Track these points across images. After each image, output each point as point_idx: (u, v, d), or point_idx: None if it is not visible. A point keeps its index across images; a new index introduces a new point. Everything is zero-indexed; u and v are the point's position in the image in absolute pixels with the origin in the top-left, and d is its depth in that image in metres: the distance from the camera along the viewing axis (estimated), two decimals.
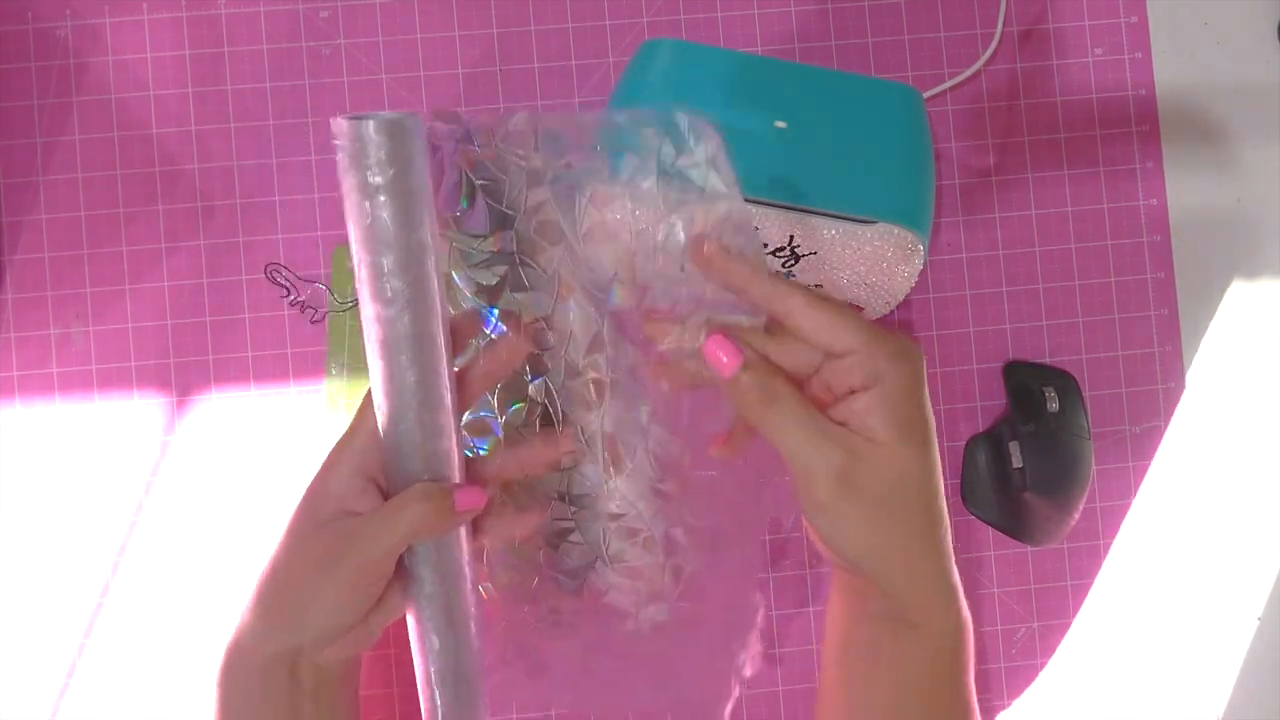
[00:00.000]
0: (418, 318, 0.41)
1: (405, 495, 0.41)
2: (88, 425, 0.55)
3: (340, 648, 0.43)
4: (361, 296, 0.41)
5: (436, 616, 0.43)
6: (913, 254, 0.51)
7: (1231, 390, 0.59)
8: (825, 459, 0.40)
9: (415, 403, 0.41)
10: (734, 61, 0.51)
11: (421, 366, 0.41)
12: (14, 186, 0.56)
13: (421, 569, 0.43)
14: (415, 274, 0.40)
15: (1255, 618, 0.58)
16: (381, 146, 0.39)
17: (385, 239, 0.40)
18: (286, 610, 0.42)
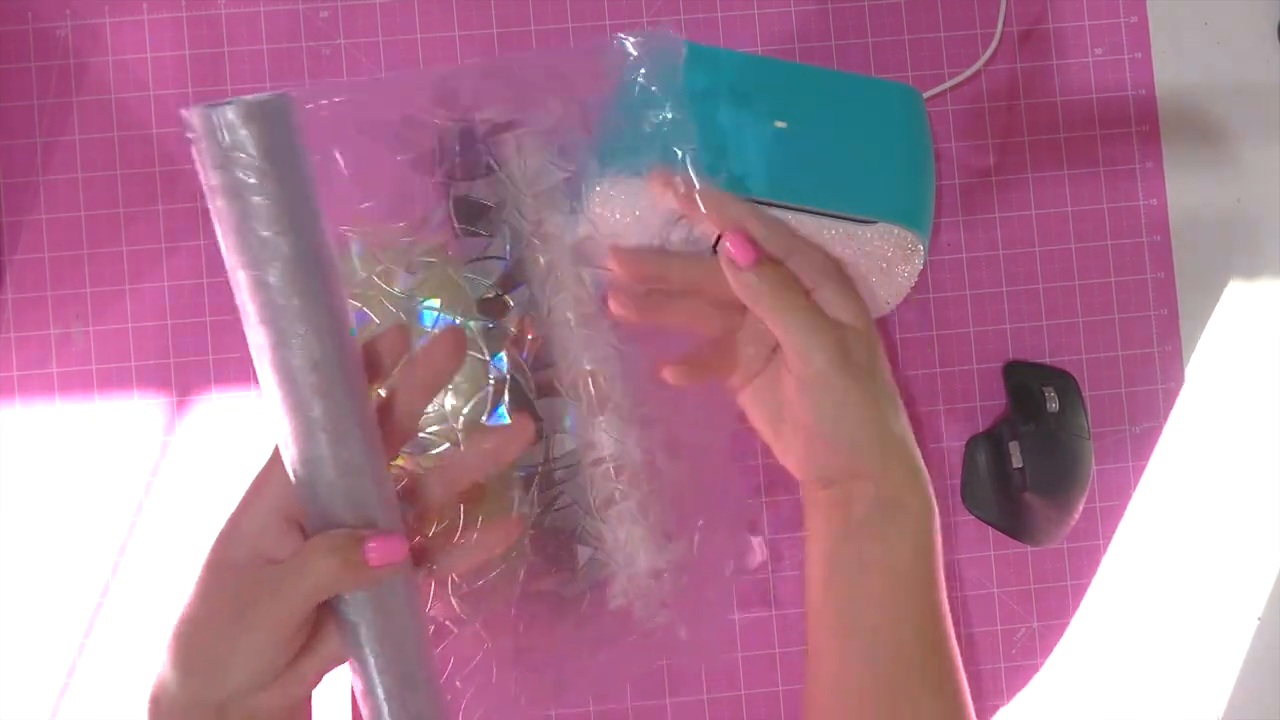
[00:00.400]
0: (315, 339, 0.34)
1: (310, 547, 0.36)
2: (88, 425, 0.55)
3: (271, 697, 0.38)
4: (246, 321, 0.35)
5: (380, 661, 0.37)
6: (913, 254, 0.51)
7: (1231, 390, 0.59)
8: (824, 334, 0.45)
9: (325, 437, 0.35)
10: (734, 61, 0.51)
11: (327, 396, 0.35)
12: (14, 186, 0.56)
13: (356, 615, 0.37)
14: (308, 287, 0.34)
15: (1255, 618, 0.58)
16: (248, 137, 0.32)
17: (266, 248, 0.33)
18: (202, 660, 0.37)
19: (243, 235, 0.33)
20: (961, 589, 0.57)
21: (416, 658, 0.38)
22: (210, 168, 0.33)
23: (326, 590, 0.37)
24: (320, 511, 0.37)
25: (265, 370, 0.35)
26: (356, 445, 0.36)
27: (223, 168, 0.33)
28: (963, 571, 0.57)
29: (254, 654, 0.37)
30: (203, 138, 0.33)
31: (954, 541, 0.57)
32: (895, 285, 0.52)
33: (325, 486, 0.36)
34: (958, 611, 0.57)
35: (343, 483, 0.36)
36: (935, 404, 0.58)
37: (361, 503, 0.37)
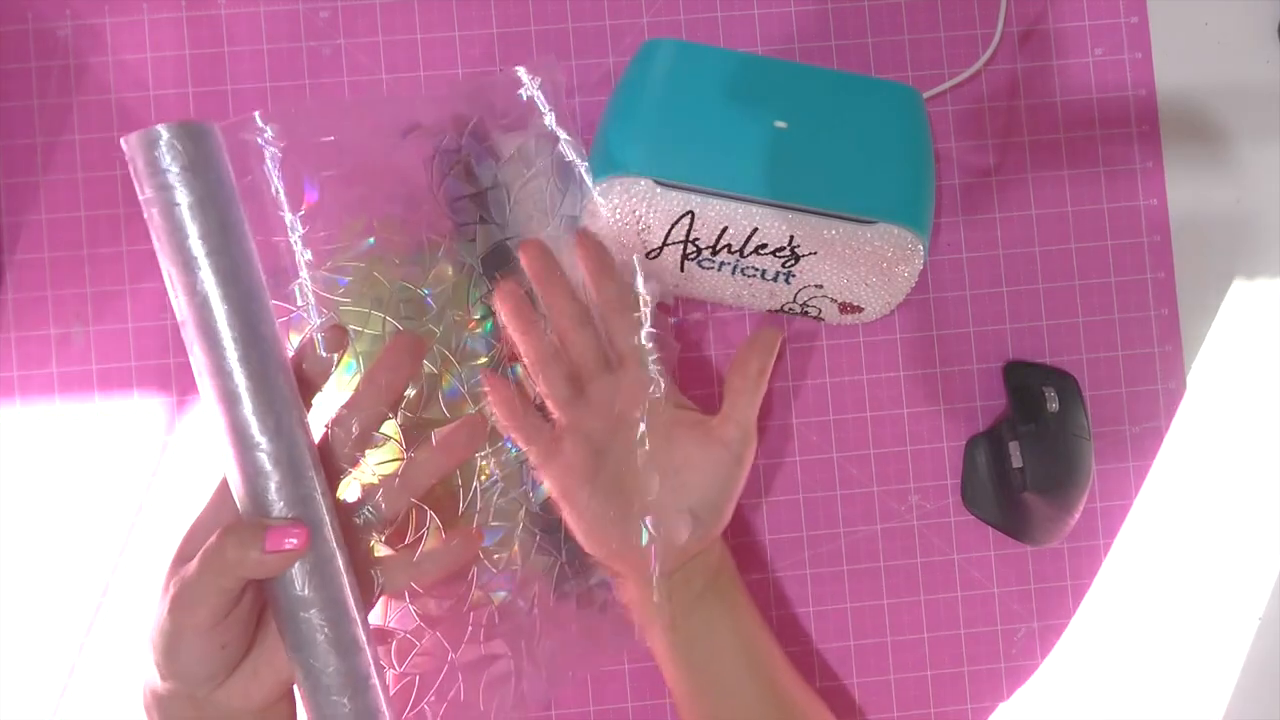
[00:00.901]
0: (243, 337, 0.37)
1: (219, 534, 0.38)
2: (88, 425, 0.55)
3: (232, 694, 0.40)
4: (181, 320, 0.38)
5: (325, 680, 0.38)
6: (913, 254, 0.51)
7: (1232, 390, 0.59)
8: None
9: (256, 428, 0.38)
10: (734, 61, 0.51)
11: (255, 392, 0.38)
12: (14, 186, 0.56)
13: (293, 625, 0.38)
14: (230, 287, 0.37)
15: (1255, 618, 0.58)
16: (174, 154, 0.37)
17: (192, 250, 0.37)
18: (161, 659, 0.39)
19: (169, 238, 0.37)
20: (961, 589, 0.57)
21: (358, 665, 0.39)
22: (145, 183, 0.37)
23: (231, 575, 0.37)
24: (252, 502, 0.38)
25: (198, 363, 0.38)
26: (285, 436, 0.38)
27: (154, 183, 0.37)
28: (963, 571, 0.57)
29: (189, 649, 0.38)
30: (137, 156, 0.37)
31: (954, 541, 0.57)
32: (895, 285, 0.52)
33: (255, 476, 0.38)
34: (957, 611, 0.57)
35: (272, 472, 0.38)
36: (935, 404, 0.58)
37: (290, 493, 0.38)
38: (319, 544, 0.38)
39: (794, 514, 0.57)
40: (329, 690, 0.38)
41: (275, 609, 0.39)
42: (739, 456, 0.48)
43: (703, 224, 0.50)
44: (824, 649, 0.57)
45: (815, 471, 0.57)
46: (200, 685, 0.39)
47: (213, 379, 0.38)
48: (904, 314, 0.58)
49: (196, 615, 0.37)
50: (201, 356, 0.38)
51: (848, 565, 0.57)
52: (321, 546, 0.38)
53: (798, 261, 0.51)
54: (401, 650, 0.46)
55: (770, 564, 0.57)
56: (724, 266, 0.52)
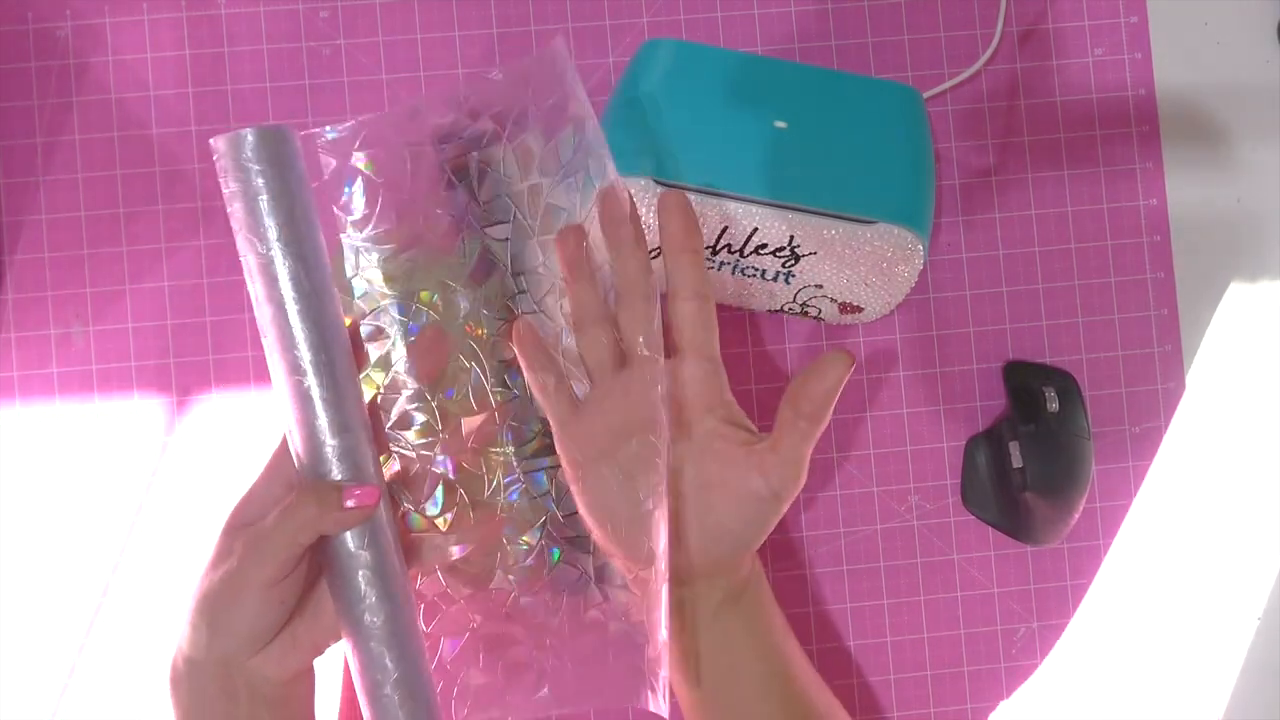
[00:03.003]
0: (316, 319, 0.41)
1: (296, 494, 0.40)
2: (88, 425, 0.55)
3: (269, 661, 0.41)
4: (255, 302, 0.42)
5: (379, 639, 0.41)
6: (913, 254, 0.51)
7: (1231, 390, 0.59)
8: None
9: (319, 396, 0.41)
10: (734, 61, 0.51)
11: (320, 362, 0.41)
12: (14, 186, 0.56)
13: (355, 584, 0.41)
14: (302, 268, 0.41)
15: (1255, 618, 0.58)
16: (263, 154, 0.41)
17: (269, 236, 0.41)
18: (208, 619, 0.41)
19: (252, 228, 0.41)
20: (961, 589, 0.57)
21: (408, 624, 0.42)
22: (230, 178, 0.41)
23: (309, 529, 0.40)
24: (312, 469, 0.41)
25: (269, 341, 0.41)
26: (346, 407, 0.42)
27: (239, 177, 0.41)
28: (963, 571, 0.57)
29: (250, 604, 0.40)
30: (225, 155, 0.41)
31: (954, 541, 0.57)
32: (895, 285, 0.52)
33: (318, 443, 0.41)
34: (957, 611, 0.57)
35: (334, 441, 0.41)
36: (935, 404, 0.58)
37: (350, 460, 0.41)
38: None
39: (794, 514, 0.57)
40: (376, 642, 0.41)
41: (330, 566, 0.42)
42: (777, 494, 0.43)
43: (703, 224, 0.50)
44: (824, 649, 0.57)
45: (815, 472, 0.57)
46: (246, 646, 0.41)
47: (283, 354, 0.41)
48: (904, 314, 0.58)
49: (265, 569, 0.40)
50: (274, 334, 0.41)
51: (848, 565, 0.57)
52: (376, 509, 0.42)
53: (798, 261, 0.51)
54: (428, 613, 0.47)
55: (771, 564, 0.57)
56: (724, 266, 0.52)
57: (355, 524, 0.41)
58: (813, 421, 0.43)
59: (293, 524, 0.40)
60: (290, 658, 0.42)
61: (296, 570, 0.41)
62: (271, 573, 0.40)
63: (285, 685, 0.42)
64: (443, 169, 0.49)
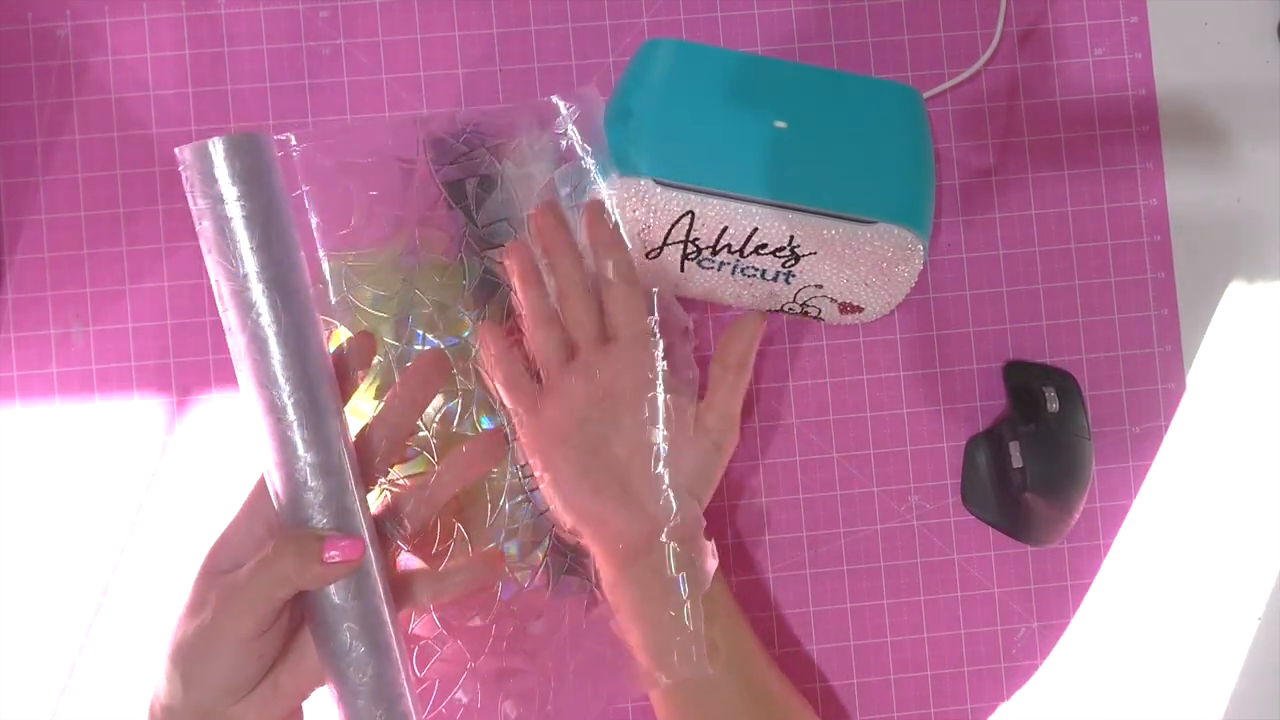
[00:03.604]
0: (296, 352, 0.38)
1: (275, 544, 0.38)
2: (88, 425, 0.55)
3: (248, 711, 0.39)
4: (227, 330, 0.38)
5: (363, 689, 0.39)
6: (913, 254, 0.51)
7: (1232, 390, 0.59)
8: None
9: (299, 438, 0.38)
10: (734, 61, 0.51)
11: (300, 399, 0.38)
12: (14, 186, 0.56)
13: (333, 635, 0.39)
14: (279, 296, 0.37)
15: (1255, 618, 0.58)
16: (233, 165, 0.37)
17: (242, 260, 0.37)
18: (183, 670, 0.39)
19: (222, 250, 0.37)
20: (961, 589, 0.57)
21: (393, 672, 0.39)
22: (198, 194, 0.37)
23: (288, 584, 0.37)
24: (292, 515, 0.38)
25: (244, 375, 0.38)
26: (328, 448, 0.38)
27: (208, 192, 0.37)
28: (963, 571, 0.57)
29: (226, 659, 0.38)
30: (192, 168, 0.37)
31: (954, 541, 0.57)
32: (895, 285, 0.52)
33: (298, 485, 0.38)
34: (957, 611, 0.57)
35: (316, 484, 0.38)
36: (935, 404, 0.58)
37: (334, 505, 0.38)
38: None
39: (794, 514, 0.57)
40: (364, 699, 0.38)
41: (312, 618, 0.39)
42: (718, 444, 0.49)
43: (703, 224, 0.50)
44: (824, 649, 0.57)
45: (815, 471, 0.57)
46: (223, 697, 0.39)
47: (260, 390, 0.38)
48: (904, 314, 0.58)
49: (243, 624, 0.37)
50: (249, 368, 0.38)
51: (848, 565, 0.57)
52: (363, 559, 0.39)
53: (798, 261, 0.51)
54: (421, 656, 0.46)
55: (770, 564, 0.57)
56: (724, 266, 0.52)
57: (339, 579, 0.38)
58: (738, 373, 0.49)
59: (269, 578, 0.37)
60: (272, 706, 0.40)
61: (277, 623, 0.39)
62: (248, 627, 0.38)
63: None
64: (439, 191, 0.49)
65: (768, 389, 0.57)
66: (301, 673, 0.40)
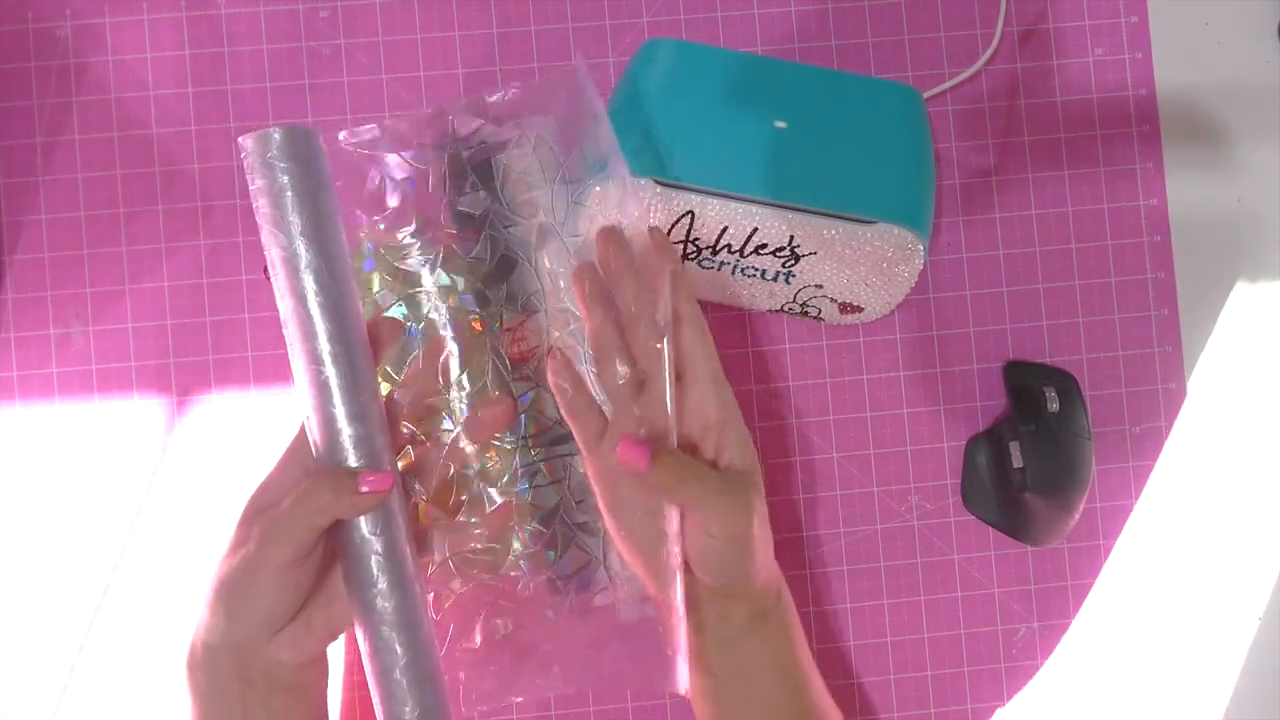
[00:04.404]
0: (336, 312, 0.43)
1: (312, 479, 0.42)
2: (88, 425, 0.55)
3: (282, 646, 0.43)
4: (277, 293, 0.43)
5: (390, 624, 0.42)
6: (913, 254, 0.51)
7: (1232, 390, 0.59)
8: (736, 496, 0.46)
9: (336, 385, 0.43)
10: (734, 61, 0.51)
11: (338, 353, 0.43)
12: (14, 186, 0.56)
13: (369, 571, 0.42)
14: (323, 262, 0.43)
15: (1255, 618, 0.58)
16: (289, 153, 0.42)
17: (293, 230, 0.42)
18: (226, 603, 0.42)
19: (276, 222, 0.43)
20: (961, 589, 0.57)
21: (417, 608, 0.43)
22: (257, 175, 0.43)
23: (325, 514, 0.41)
24: (329, 456, 0.43)
25: (290, 332, 0.43)
26: (362, 397, 0.43)
27: (265, 174, 0.43)
28: (963, 571, 0.57)
29: (267, 587, 0.42)
30: (252, 153, 0.43)
31: (954, 541, 0.57)
32: (895, 285, 0.52)
33: (335, 431, 0.43)
34: (957, 611, 0.57)
35: (350, 429, 0.43)
36: (935, 404, 0.58)
37: (365, 447, 0.43)
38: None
39: (794, 514, 0.57)
40: (387, 626, 0.42)
41: (344, 551, 0.43)
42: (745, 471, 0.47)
43: (703, 224, 0.50)
44: (824, 649, 0.57)
45: (815, 471, 0.57)
46: (262, 630, 0.42)
47: (303, 345, 0.43)
48: (904, 314, 0.58)
49: (282, 552, 0.41)
50: (295, 326, 0.43)
51: (848, 565, 0.57)
52: (389, 496, 0.43)
53: (798, 261, 0.51)
54: (437, 601, 0.49)
55: None
56: (724, 266, 0.52)
57: (369, 509, 0.42)
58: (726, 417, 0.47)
59: (309, 508, 0.41)
60: (305, 643, 0.43)
61: (312, 554, 0.42)
62: (288, 556, 0.41)
63: (300, 671, 0.44)
64: (466, 171, 0.50)
65: (768, 389, 0.57)
66: (332, 612, 0.44)
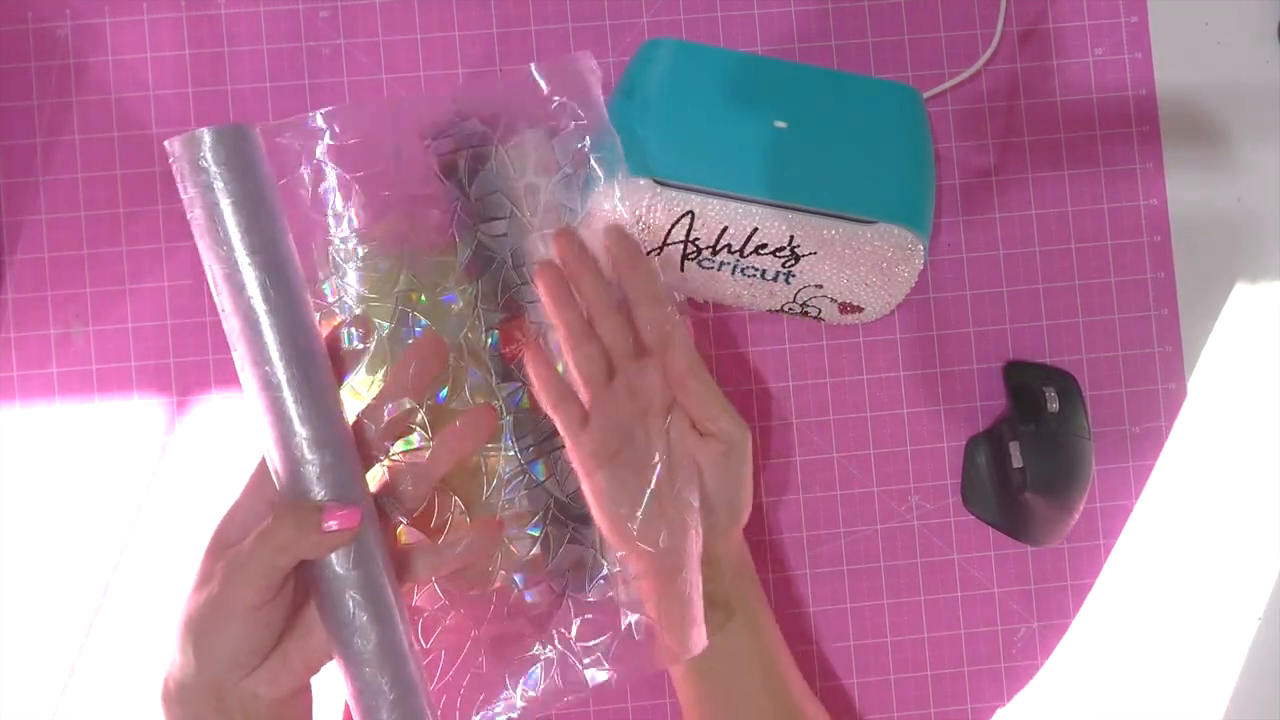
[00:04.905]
0: (288, 330, 0.39)
1: (275, 516, 0.39)
2: (88, 425, 0.55)
3: (259, 682, 0.41)
4: (222, 314, 0.40)
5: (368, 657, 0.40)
6: (913, 254, 0.51)
7: (1232, 390, 0.59)
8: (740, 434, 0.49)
9: (295, 413, 0.39)
10: (734, 61, 0.51)
11: (294, 375, 0.39)
12: (14, 186, 0.56)
13: (337, 604, 0.40)
14: (269, 276, 0.39)
15: (1255, 618, 0.58)
16: (215, 154, 0.39)
17: (231, 244, 0.39)
18: (195, 642, 0.40)
19: (213, 235, 0.39)
20: (961, 589, 0.57)
21: (400, 648, 0.40)
22: (188, 183, 0.39)
23: (287, 553, 0.39)
24: (291, 488, 0.40)
25: (239, 355, 0.40)
26: (324, 421, 0.40)
27: (197, 181, 0.39)
28: (963, 571, 0.57)
29: (234, 629, 0.39)
30: (181, 159, 0.39)
31: (954, 541, 0.57)
32: (895, 285, 0.52)
33: (296, 460, 0.40)
34: (957, 611, 0.57)
35: (313, 458, 0.39)
36: (935, 404, 0.58)
37: (332, 476, 0.40)
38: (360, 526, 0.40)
39: (794, 514, 0.57)
40: (370, 666, 0.40)
41: (316, 588, 0.40)
42: (730, 443, 0.49)
43: (703, 224, 0.50)
44: (824, 649, 0.57)
45: (815, 471, 0.57)
46: (234, 670, 0.40)
47: (254, 369, 0.39)
48: (904, 314, 0.58)
49: (248, 593, 0.39)
50: (244, 348, 0.40)
51: (848, 565, 0.57)
52: (361, 528, 0.40)
53: (798, 261, 0.51)
54: (427, 627, 0.47)
55: (770, 564, 0.57)
56: (724, 266, 0.52)
57: (337, 547, 0.39)
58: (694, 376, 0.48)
59: (270, 548, 0.39)
60: (282, 679, 0.41)
61: (281, 593, 0.39)
62: (253, 597, 0.39)
63: (280, 704, 0.41)
64: (431, 165, 0.49)
65: (768, 389, 0.57)
66: (309, 646, 0.41)
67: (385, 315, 0.48)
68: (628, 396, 0.48)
